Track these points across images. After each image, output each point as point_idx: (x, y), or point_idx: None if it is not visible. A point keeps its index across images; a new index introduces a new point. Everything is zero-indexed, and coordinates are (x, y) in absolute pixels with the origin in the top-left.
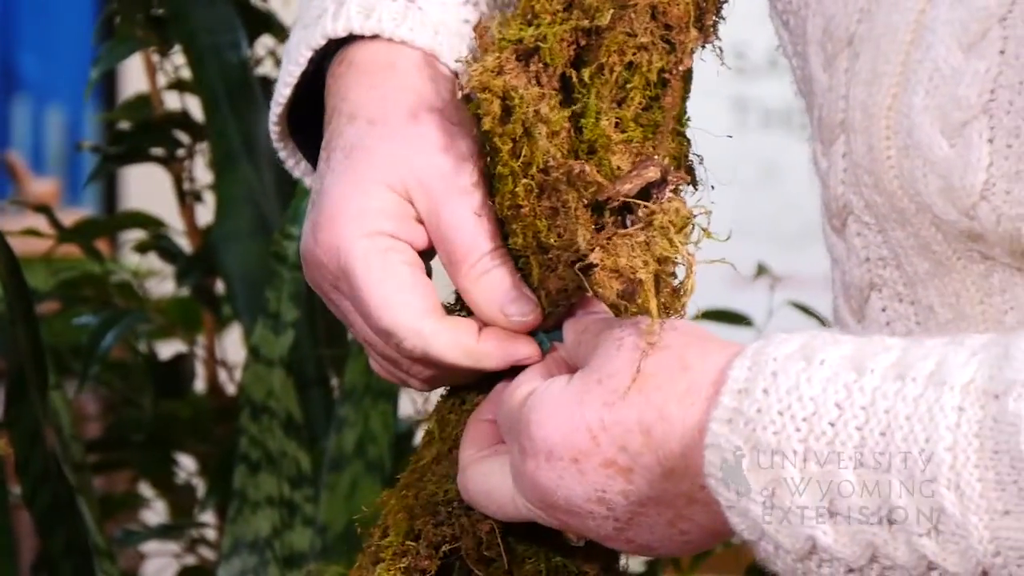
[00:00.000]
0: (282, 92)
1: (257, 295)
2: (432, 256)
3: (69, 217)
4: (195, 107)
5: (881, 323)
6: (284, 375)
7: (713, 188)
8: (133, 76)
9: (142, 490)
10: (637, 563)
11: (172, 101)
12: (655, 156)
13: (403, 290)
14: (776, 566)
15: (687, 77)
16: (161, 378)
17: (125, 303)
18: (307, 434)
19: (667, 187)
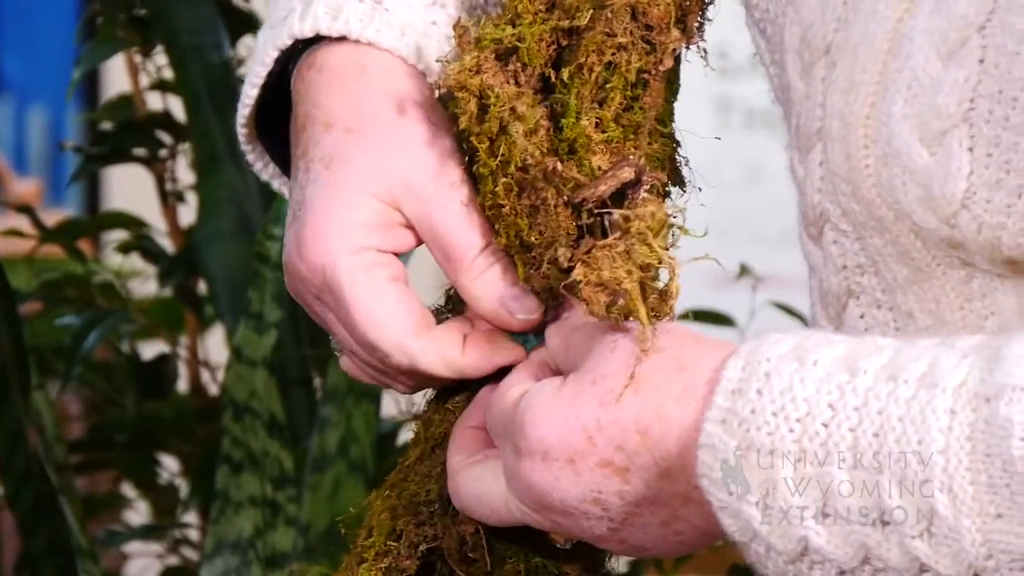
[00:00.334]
0: (249, 94)
1: (240, 295)
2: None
3: (52, 217)
4: (177, 107)
5: (860, 330)
6: (267, 375)
7: (701, 189)
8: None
9: (125, 490)
10: (620, 563)
11: (154, 101)
12: (631, 156)
13: (388, 307)
14: (767, 569)
15: (672, 78)
16: (144, 378)
17: (108, 303)
18: (290, 434)
19: (642, 187)
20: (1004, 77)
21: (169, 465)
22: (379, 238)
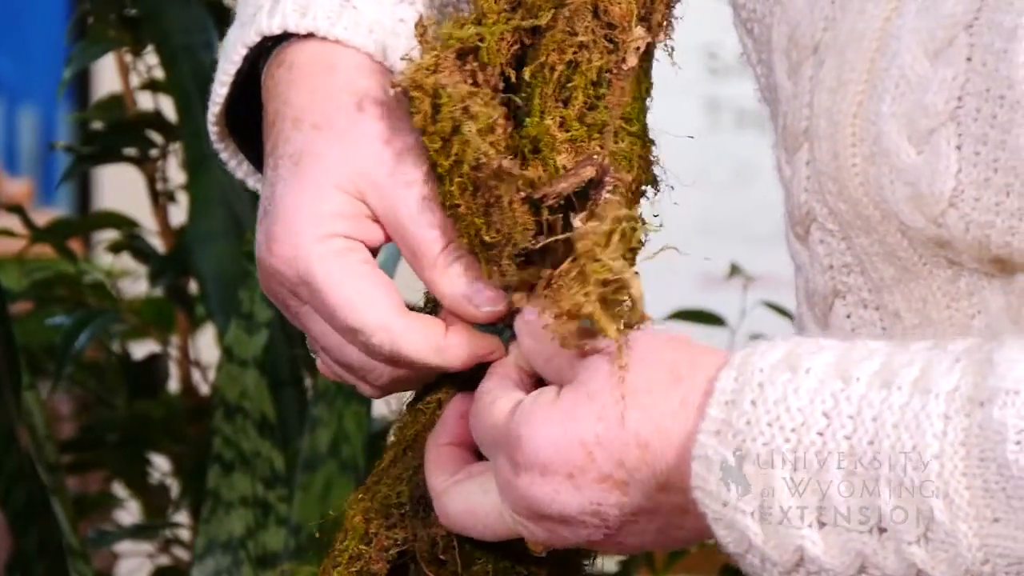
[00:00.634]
0: (219, 92)
1: (231, 295)
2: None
3: (42, 217)
4: (168, 107)
5: (846, 330)
6: (258, 375)
7: (674, 188)
8: (106, 76)
9: (116, 490)
10: (611, 563)
11: (145, 101)
12: (595, 156)
13: (366, 288)
14: None
15: (641, 76)
16: (135, 378)
17: (98, 303)
18: (281, 434)
19: (604, 187)
20: (991, 75)
21: (160, 465)
22: (348, 226)
